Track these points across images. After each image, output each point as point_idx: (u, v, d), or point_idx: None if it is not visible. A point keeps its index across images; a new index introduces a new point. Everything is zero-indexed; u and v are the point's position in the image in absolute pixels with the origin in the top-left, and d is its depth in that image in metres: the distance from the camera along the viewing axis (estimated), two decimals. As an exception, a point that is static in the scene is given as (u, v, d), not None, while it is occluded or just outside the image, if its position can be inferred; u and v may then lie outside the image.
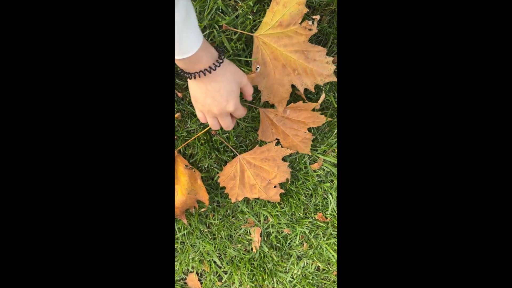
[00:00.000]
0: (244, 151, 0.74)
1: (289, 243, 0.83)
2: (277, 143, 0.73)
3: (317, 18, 0.59)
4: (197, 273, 0.86)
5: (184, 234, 0.82)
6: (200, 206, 0.80)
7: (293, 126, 0.70)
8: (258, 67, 0.64)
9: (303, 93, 0.65)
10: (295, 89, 0.68)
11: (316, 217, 0.80)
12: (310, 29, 0.59)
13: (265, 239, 0.82)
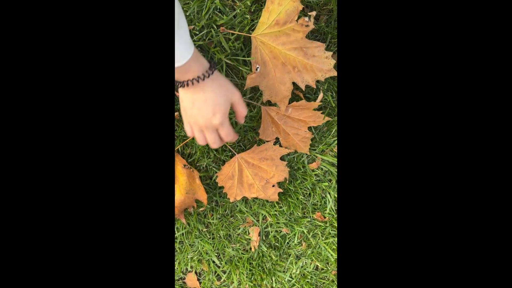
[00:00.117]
0: (242, 151, 0.74)
1: (287, 243, 0.83)
2: (275, 142, 0.73)
3: (313, 14, 0.59)
4: (196, 272, 0.86)
5: (183, 234, 0.82)
6: (199, 205, 0.80)
7: (293, 124, 0.70)
8: (258, 67, 0.64)
9: (304, 89, 0.65)
10: (295, 87, 0.68)
11: (315, 216, 0.80)
12: (307, 26, 0.59)
13: (263, 238, 0.83)
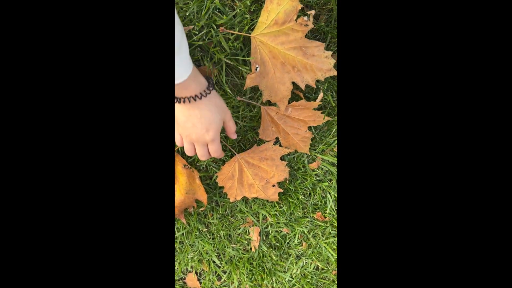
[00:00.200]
0: (242, 151, 0.74)
1: (288, 243, 0.82)
2: (275, 142, 0.73)
3: (312, 13, 0.59)
4: (196, 272, 0.86)
5: (183, 234, 0.82)
6: (199, 206, 0.80)
7: (293, 124, 0.70)
8: (258, 67, 0.64)
9: (304, 89, 0.65)
10: (295, 87, 0.68)
11: (315, 216, 0.80)
12: (306, 25, 0.59)
13: (264, 238, 0.82)
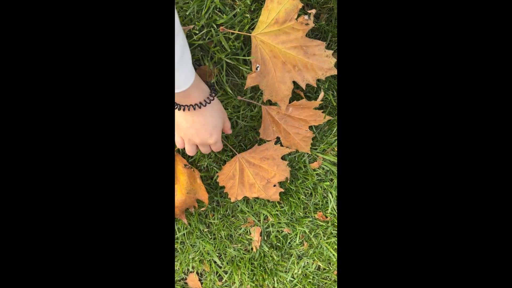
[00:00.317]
0: (243, 150, 0.74)
1: (289, 243, 0.82)
2: (276, 142, 0.73)
3: (312, 12, 0.59)
4: (197, 273, 0.86)
5: (184, 234, 0.82)
6: (200, 205, 0.80)
7: (294, 124, 0.70)
8: (258, 66, 0.64)
9: (305, 88, 0.65)
10: (296, 86, 0.68)
11: (316, 216, 0.80)
12: (307, 24, 0.59)
13: (265, 238, 0.82)
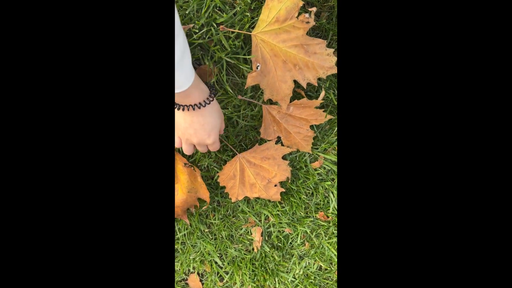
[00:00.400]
0: (243, 150, 0.73)
1: (290, 243, 0.82)
2: (277, 141, 0.72)
3: (313, 10, 0.59)
4: (198, 273, 0.85)
5: (185, 235, 0.82)
6: (201, 205, 0.79)
7: (295, 123, 0.69)
8: (259, 65, 0.63)
9: (305, 87, 0.65)
10: (296, 85, 0.67)
11: (318, 216, 0.79)
12: (308, 22, 0.58)
13: (266, 238, 0.82)
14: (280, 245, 0.82)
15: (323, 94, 0.69)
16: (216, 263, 0.83)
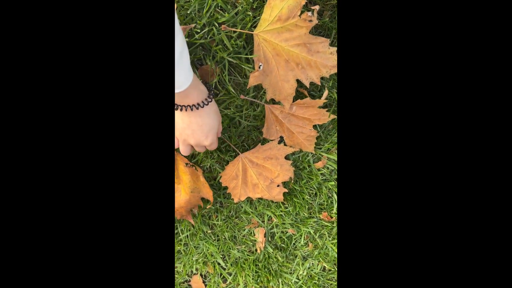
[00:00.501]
0: (246, 150, 0.73)
1: (294, 244, 0.81)
2: (280, 141, 0.72)
3: (316, 8, 0.58)
4: (201, 275, 0.85)
5: (188, 236, 0.81)
6: (204, 205, 0.79)
7: (298, 123, 0.69)
8: (261, 65, 0.63)
9: (308, 86, 0.64)
10: (299, 85, 0.67)
11: (321, 216, 0.79)
12: (310, 21, 0.58)
13: (269, 239, 0.81)
14: (284, 246, 0.81)
15: (326, 93, 0.68)
16: (219, 264, 0.83)
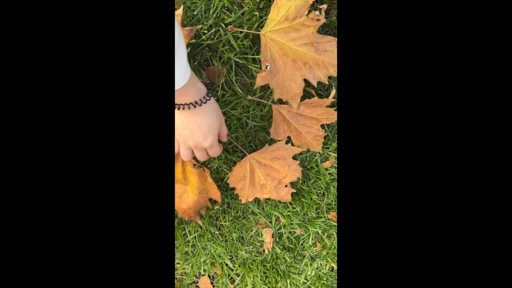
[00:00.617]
0: (253, 151, 0.73)
1: (302, 244, 0.81)
2: (287, 141, 0.72)
3: (324, 7, 0.58)
4: (209, 276, 0.85)
5: (195, 237, 0.81)
6: (212, 206, 0.79)
7: (306, 122, 0.69)
8: (268, 65, 0.63)
9: (316, 86, 0.64)
10: (307, 84, 0.67)
11: (329, 216, 0.78)
12: (318, 20, 0.58)
13: (277, 240, 0.81)
14: (291, 246, 0.81)
15: (333, 92, 0.68)
16: (227, 265, 0.83)
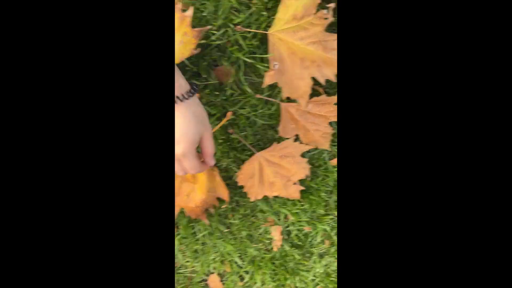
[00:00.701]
0: (262, 149, 0.73)
1: (310, 241, 0.82)
2: (295, 139, 0.72)
3: (332, 5, 0.58)
4: (218, 274, 0.86)
5: (204, 235, 0.82)
6: (220, 204, 0.79)
7: (314, 120, 0.69)
8: (276, 64, 0.63)
9: (324, 84, 0.64)
10: (315, 83, 0.67)
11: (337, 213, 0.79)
12: (326, 18, 0.58)
13: (286, 237, 0.82)
14: (300, 243, 0.82)
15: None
16: (236, 263, 0.83)
